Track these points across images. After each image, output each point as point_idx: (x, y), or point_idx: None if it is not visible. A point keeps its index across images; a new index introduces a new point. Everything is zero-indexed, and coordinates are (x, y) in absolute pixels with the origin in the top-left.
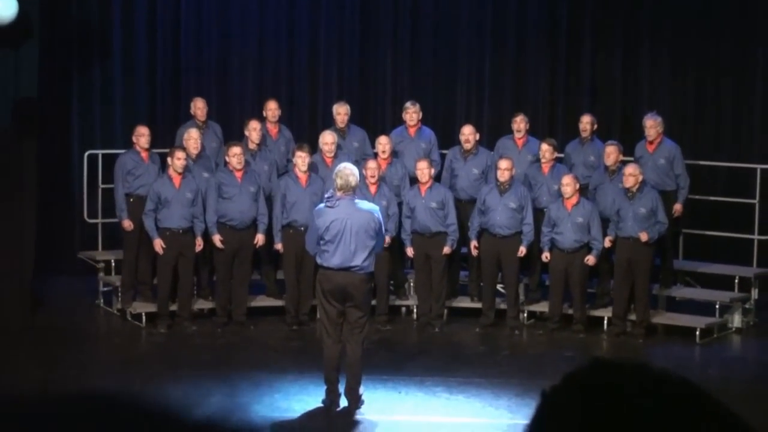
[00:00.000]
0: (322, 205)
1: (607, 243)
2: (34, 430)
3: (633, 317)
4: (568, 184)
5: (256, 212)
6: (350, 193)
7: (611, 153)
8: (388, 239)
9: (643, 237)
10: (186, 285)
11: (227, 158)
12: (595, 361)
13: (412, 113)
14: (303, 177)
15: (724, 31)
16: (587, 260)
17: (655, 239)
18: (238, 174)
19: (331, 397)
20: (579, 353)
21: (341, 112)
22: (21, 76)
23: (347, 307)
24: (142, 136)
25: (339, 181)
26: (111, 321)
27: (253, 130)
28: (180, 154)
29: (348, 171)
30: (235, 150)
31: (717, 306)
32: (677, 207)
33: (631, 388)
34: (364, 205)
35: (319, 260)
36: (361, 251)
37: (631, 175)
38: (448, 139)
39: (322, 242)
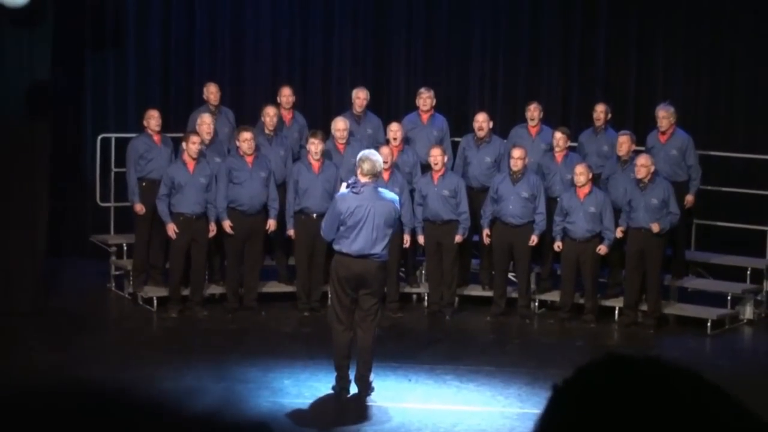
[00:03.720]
0: (345, 191)
1: (619, 233)
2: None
3: (644, 308)
4: (581, 174)
5: (266, 198)
6: (374, 180)
7: (624, 143)
8: (406, 237)
9: (655, 228)
10: (198, 270)
11: (237, 143)
12: (608, 354)
13: (425, 98)
14: (316, 164)
15: (738, 21)
16: (599, 250)
17: (667, 230)
18: (249, 159)
19: (342, 383)
20: (590, 343)
21: (360, 96)
22: (34, 59)
23: (362, 294)
24: (152, 118)
25: (366, 166)
26: (122, 305)
27: (268, 116)
28: (195, 139)
29: (375, 157)
30: (246, 135)
31: (729, 297)
32: (689, 198)
33: (644, 382)
34: (387, 194)
35: (336, 246)
36: (381, 240)
37: (643, 165)
38: (460, 127)
39: (342, 228)
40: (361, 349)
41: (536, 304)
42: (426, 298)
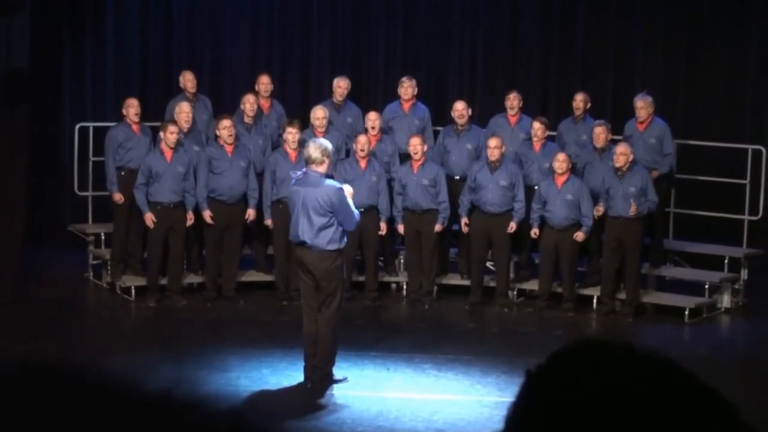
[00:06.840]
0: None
1: (598, 211)
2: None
3: (622, 296)
4: (564, 161)
5: (246, 187)
6: (319, 168)
7: (600, 133)
8: (383, 226)
9: (633, 209)
10: (176, 259)
11: (218, 131)
12: (581, 340)
13: (407, 87)
14: (293, 153)
15: (716, 12)
16: (576, 236)
17: (644, 214)
18: (229, 148)
19: (306, 372)
20: (568, 331)
21: (342, 85)
22: (12, 47)
23: (315, 284)
24: (131, 107)
25: (304, 154)
26: (100, 294)
27: (248, 103)
28: (173, 128)
29: (312, 145)
30: (226, 123)
31: (706, 286)
32: (655, 173)
33: (617, 367)
34: (329, 182)
35: None
36: (311, 227)
37: (622, 154)
38: (439, 116)
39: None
40: (320, 339)
41: (515, 292)
42: (405, 287)
